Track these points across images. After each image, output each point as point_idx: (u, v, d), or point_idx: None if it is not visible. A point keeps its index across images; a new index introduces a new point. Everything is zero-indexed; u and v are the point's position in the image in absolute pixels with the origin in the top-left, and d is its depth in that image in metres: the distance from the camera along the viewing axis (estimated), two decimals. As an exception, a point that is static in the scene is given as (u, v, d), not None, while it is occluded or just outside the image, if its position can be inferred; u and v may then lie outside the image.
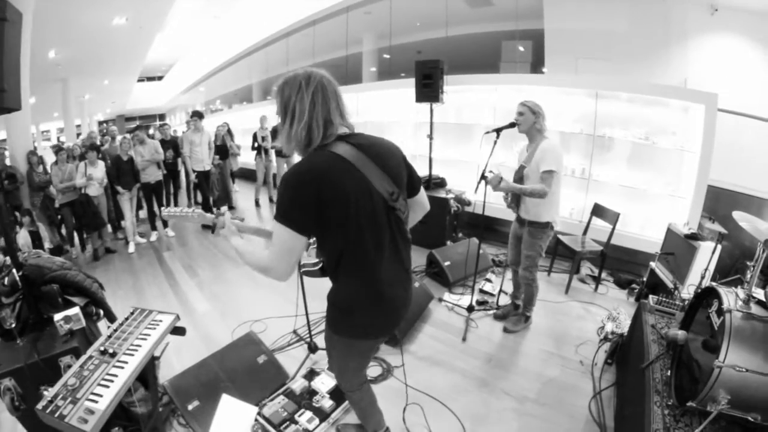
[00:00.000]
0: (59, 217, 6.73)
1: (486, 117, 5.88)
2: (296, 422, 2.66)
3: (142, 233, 6.99)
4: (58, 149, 6.75)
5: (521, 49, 7.79)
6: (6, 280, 2.58)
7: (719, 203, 4.19)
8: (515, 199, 3.36)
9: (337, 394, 2.86)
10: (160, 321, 2.04)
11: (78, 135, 14.65)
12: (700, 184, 4.09)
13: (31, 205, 6.63)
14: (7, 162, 6.91)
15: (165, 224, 7.23)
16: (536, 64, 7.29)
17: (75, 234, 6.55)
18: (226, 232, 1.85)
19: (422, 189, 1.88)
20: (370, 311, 1.74)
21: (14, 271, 2.56)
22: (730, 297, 1.88)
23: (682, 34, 5.56)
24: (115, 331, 1.95)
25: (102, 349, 1.80)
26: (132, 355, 1.77)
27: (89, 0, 7.75)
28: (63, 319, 2.39)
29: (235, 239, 1.79)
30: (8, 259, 2.74)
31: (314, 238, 1.86)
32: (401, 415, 2.63)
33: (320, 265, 2.12)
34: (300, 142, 1.56)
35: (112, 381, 1.61)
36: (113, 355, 1.76)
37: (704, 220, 3.97)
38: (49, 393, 1.56)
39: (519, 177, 3.28)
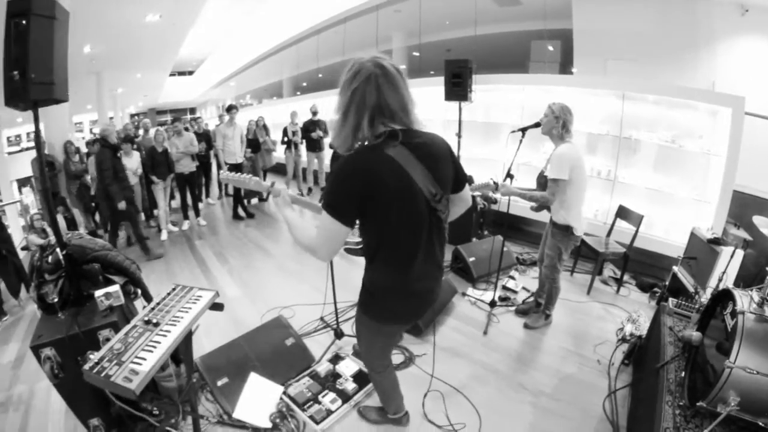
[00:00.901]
0: (93, 204, 7.03)
1: (514, 116, 5.90)
2: (320, 402, 2.80)
3: (174, 222, 7.26)
4: (87, 142, 7.14)
5: (550, 48, 7.77)
6: (50, 258, 2.77)
7: (746, 209, 4.14)
8: (540, 206, 3.41)
9: (360, 378, 2.99)
10: (200, 296, 2.14)
11: (111, 127, 15.17)
12: (725, 189, 4.05)
13: (68, 192, 6.97)
14: (45, 151, 7.27)
15: (197, 213, 7.49)
16: (565, 64, 7.28)
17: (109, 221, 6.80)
18: (281, 202, 1.96)
19: (467, 185, 1.96)
20: (398, 300, 1.85)
21: (58, 250, 2.73)
22: (745, 299, 1.94)
23: (711, 35, 5.49)
24: (158, 304, 2.06)
25: (146, 319, 1.91)
26: (174, 325, 1.88)
27: None
28: (104, 295, 2.55)
29: (287, 210, 1.90)
30: (53, 239, 2.93)
31: None
32: (421, 401, 2.76)
33: (362, 246, 2.22)
34: (346, 141, 1.65)
35: (155, 347, 1.71)
36: (156, 324, 1.87)
37: (729, 226, 3.95)
38: (95, 356, 1.65)
39: (542, 182, 3.32)
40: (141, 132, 8.47)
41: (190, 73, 23.28)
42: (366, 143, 1.63)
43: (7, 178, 10.18)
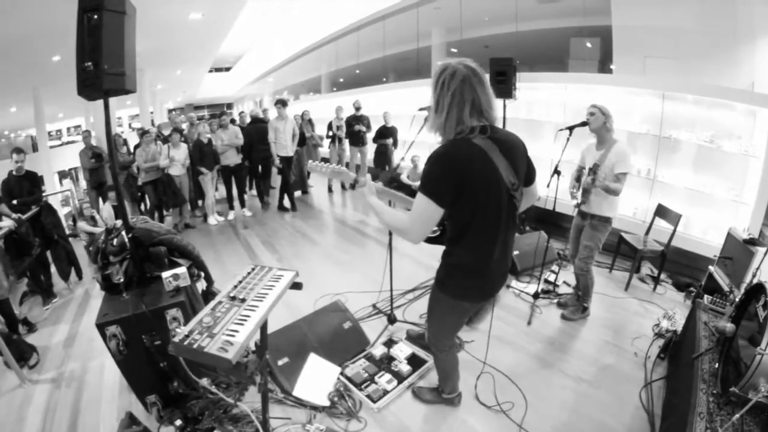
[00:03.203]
0: (140, 194, 7.49)
1: (556, 114, 6.05)
2: (376, 382, 3.06)
3: (219, 212, 7.63)
4: (143, 132, 7.49)
5: (589, 45, 7.79)
6: (115, 241, 2.95)
7: None
8: (586, 195, 3.63)
9: (414, 361, 3.27)
10: (282, 275, 2.23)
11: (152, 121, 15.83)
12: (763, 190, 4.11)
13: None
14: (93, 143, 7.80)
15: (242, 204, 7.83)
16: (604, 61, 7.30)
17: (155, 210, 7.24)
18: (367, 191, 2.21)
19: (536, 181, 2.20)
20: (478, 277, 2.10)
21: (123, 233, 2.91)
22: None
23: (752, 33, 5.39)
24: (240, 282, 2.12)
25: (231, 295, 1.97)
26: (261, 300, 1.95)
27: None
28: (172, 276, 2.69)
29: (374, 198, 2.16)
30: (118, 223, 3.15)
31: None
32: (473, 383, 3.03)
33: (438, 233, 2.41)
34: (452, 129, 1.88)
35: (245, 320, 1.78)
36: (243, 300, 1.93)
37: (766, 228, 4.05)
38: (183, 329, 1.69)
39: (592, 174, 3.54)
40: (186, 125, 8.85)
41: (227, 69, 23.79)
42: (460, 135, 1.87)
43: (50, 170, 10.85)
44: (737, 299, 2.70)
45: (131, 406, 2.93)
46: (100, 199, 7.60)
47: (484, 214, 1.92)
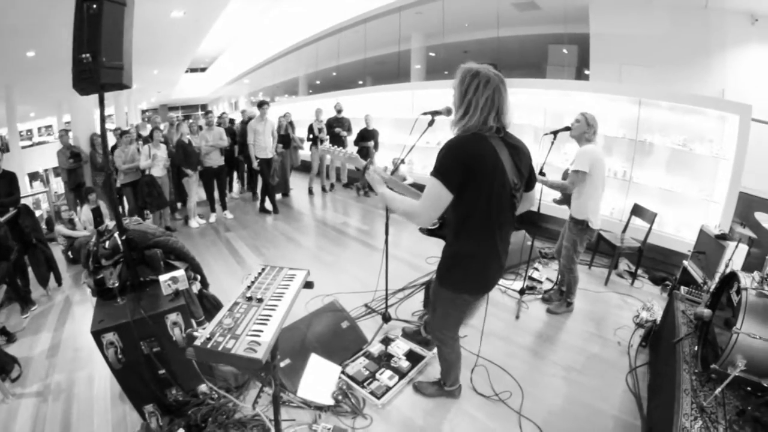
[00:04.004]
0: (118, 196, 7.21)
1: (536, 118, 6.29)
2: (377, 379, 3.12)
3: (200, 215, 7.53)
4: (121, 133, 7.29)
5: (565, 52, 8.07)
6: (107, 243, 2.80)
7: (751, 209, 4.46)
8: (566, 199, 3.84)
9: (412, 357, 3.37)
10: (294, 275, 2.22)
11: (127, 122, 15.55)
12: (732, 190, 4.42)
13: (94, 184, 7.23)
14: (71, 142, 7.59)
15: (224, 207, 7.77)
16: (581, 68, 7.58)
17: (136, 213, 6.98)
18: (376, 179, 2.35)
19: (534, 189, 2.37)
20: (480, 269, 2.25)
21: (116, 235, 2.76)
22: (748, 279, 2.38)
23: (722, 43, 5.73)
24: (253, 283, 2.12)
25: (248, 296, 1.96)
26: (279, 299, 1.95)
27: None
28: (171, 279, 2.55)
29: (382, 187, 2.30)
30: (110, 224, 3.02)
31: None
32: (469, 376, 3.17)
33: (437, 225, 2.51)
34: (474, 128, 2.01)
35: (268, 320, 1.78)
36: (260, 300, 1.93)
37: (736, 225, 4.31)
38: (204, 332, 1.67)
39: (565, 177, 3.80)
40: (164, 126, 8.77)
41: (203, 70, 23.53)
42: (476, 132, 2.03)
43: (22, 172, 10.50)
44: (713, 287, 2.94)
45: (126, 417, 2.91)
46: (78, 202, 7.43)
47: (487, 207, 2.06)
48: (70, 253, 6.01)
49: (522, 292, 4.34)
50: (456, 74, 2.10)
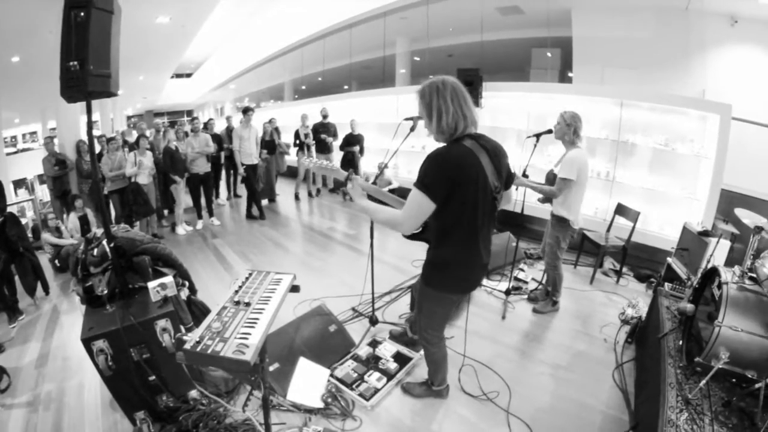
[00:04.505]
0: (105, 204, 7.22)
1: (519, 121, 6.34)
2: (366, 381, 3.12)
3: (187, 222, 7.45)
4: (108, 140, 7.18)
5: (549, 55, 8.16)
6: (95, 251, 2.80)
7: (733, 206, 4.54)
8: (549, 198, 3.87)
9: (399, 358, 3.36)
10: (281, 279, 2.24)
11: (112, 128, 15.39)
12: (714, 187, 4.50)
13: (80, 191, 7.12)
14: (56, 149, 7.46)
15: (210, 213, 7.71)
16: (564, 71, 7.67)
17: (123, 220, 6.88)
18: (357, 194, 2.36)
19: (511, 186, 2.41)
20: (464, 271, 2.29)
21: (104, 242, 2.77)
22: (728, 274, 2.43)
23: (703, 44, 5.83)
24: (240, 287, 2.13)
25: (236, 300, 1.99)
26: (266, 303, 1.98)
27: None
28: (159, 286, 2.58)
29: (363, 200, 2.31)
30: (98, 232, 3.01)
31: None
32: (457, 376, 3.16)
33: (420, 230, 2.51)
34: (449, 130, 2.06)
35: (255, 323, 1.80)
36: (248, 304, 1.95)
37: (718, 221, 4.39)
38: (193, 335, 1.69)
39: (551, 178, 3.83)
40: (150, 132, 8.67)
41: (188, 75, 23.38)
42: (454, 138, 2.08)
43: (6, 179, 10.32)
44: (695, 283, 2.97)
45: (117, 424, 2.87)
46: (64, 209, 7.32)
47: (471, 213, 2.10)
48: (57, 261, 5.91)
49: (508, 292, 4.35)
50: (416, 95, 2.16)
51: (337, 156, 8.93)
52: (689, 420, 2.05)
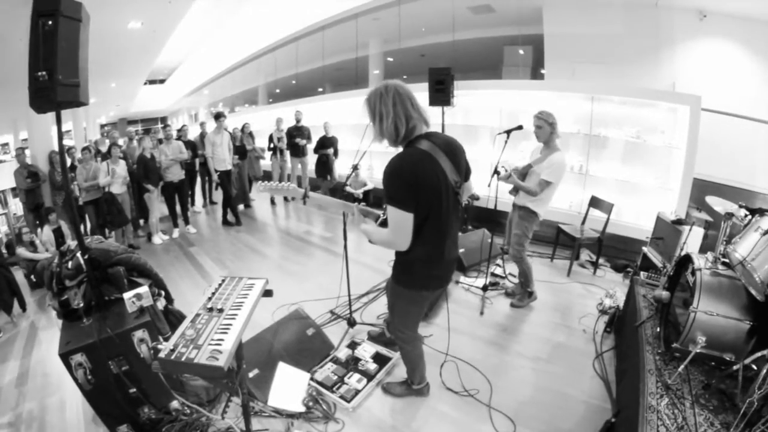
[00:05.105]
0: (79, 215, 7.01)
1: (492, 119, 6.35)
2: (346, 383, 3.08)
3: (163, 230, 7.29)
4: (82, 149, 6.93)
5: (521, 53, 8.22)
6: (70, 263, 2.77)
7: (705, 194, 4.63)
8: (515, 189, 3.89)
9: (379, 359, 3.32)
10: (254, 284, 2.25)
11: (86, 138, 14.98)
12: (686, 177, 4.57)
13: (53, 203, 6.92)
14: (28, 161, 7.22)
15: (186, 221, 7.55)
16: (536, 68, 7.72)
17: (98, 232, 6.69)
18: (357, 219, 2.45)
19: (471, 177, 2.42)
20: (435, 268, 2.30)
21: (78, 255, 2.74)
22: (701, 260, 2.45)
23: (672, 39, 5.91)
24: (213, 294, 2.13)
25: (209, 307, 1.99)
26: (239, 309, 1.99)
27: (108, 4, 7.75)
28: (135, 296, 2.56)
29: (363, 225, 2.35)
30: (72, 244, 2.97)
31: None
32: (438, 372, 3.12)
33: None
34: (391, 135, 2.08)
35: (228, 329, 1.81)
36: (221, 310, 1.96)
37: (692, 210, 4.47)
38: (167, 344, 1.69)
39: (525, 172, 3.83)
40: (123, 141, 8.45)
41: (162, 81, 22.95)
42: (405, 141, 2.11)
43: None
44: (669, 271, 3.00)
45: None
46: (38, 223, 7.05)
47: (437, 212, 2.12)
48: (33, 276, 5.70)
49: (485, 288, 4.33)
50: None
51: (312, 159, 8.85)
52: (670, 405, 2.05)
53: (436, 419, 2.79)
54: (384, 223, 2.28)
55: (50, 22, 2.29)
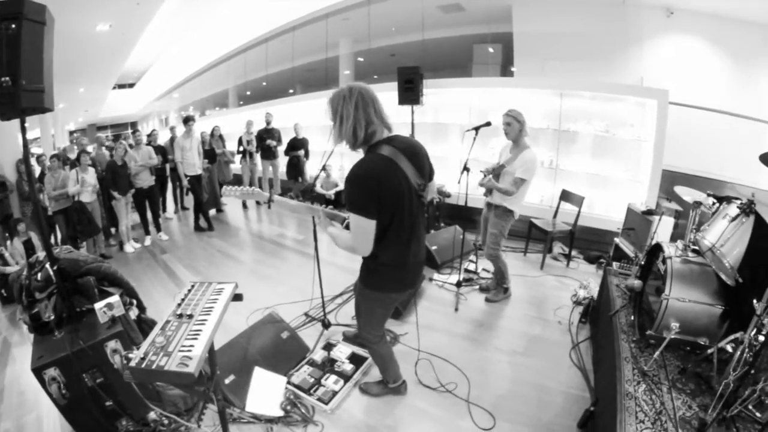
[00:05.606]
0: (49, 226, 6.77)
1: (461, 117, 6.37)
2: (323, 385, 3.03)
3: (135, 238, 7.09)
4: (51, 156, 6.64)
5: (491, 51, 8.27)
6: (39, 275, 2.69)
7: (675, 185, 4.74)
8: (489, 190, 3.90)
9: (355, 359, 3.27)
10: (223, 288, 2.23)
11: (54, 145, 14.53)
12: (655, 168, 4.66)
13: (22, 214, 6.63)
14: None
15: (158, 228, 7.36)
16: (506, 66, 7.78)
17: (69, 242, 6.44)
18: (323, 222, 2.39)
19: (434, 177, 2.40)
20: (401, 271, 2.28)
21: (47, 266, 2.67)
22: (671, 248, 2.48)
23: (640, 35, 6.01)
24: (183, 300, 2.11)
25: (179, 313, 1.97)
26: (209, 314, 1.96)
27: (75, 6, 7.54)
28: (106, 306, 2.52)
29: (329, 228, 2.29)
30: (41, 255, 2.86)
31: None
32: (413, 370, 3.09)
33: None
34: (349, 138, 2.03)
35: (198, 334, 1.79)
36: (191, 316, 1.93)
37: (662, 200, 4.55)
38: (138, 352, 1.65)
39: (498, 173, 3.82)
40: (92, 147, 8.22)
41: (131, 85, 22.39)
42: (366, 146, 2.07)
43: None
44: (641, 260, 3.03)
45: None
46: (7, 235, 6.71)
47: (400, 216, 2.09)
48: (3, 291, 5.44)
49: (459, 284, 4.31)
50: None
51: (282, 161, 8.74)
52: (647, 391, 2.05)
53: (414, 417, 2.76)
54: (349, 226, 2.24)
55: (13, 26, 2.21)
